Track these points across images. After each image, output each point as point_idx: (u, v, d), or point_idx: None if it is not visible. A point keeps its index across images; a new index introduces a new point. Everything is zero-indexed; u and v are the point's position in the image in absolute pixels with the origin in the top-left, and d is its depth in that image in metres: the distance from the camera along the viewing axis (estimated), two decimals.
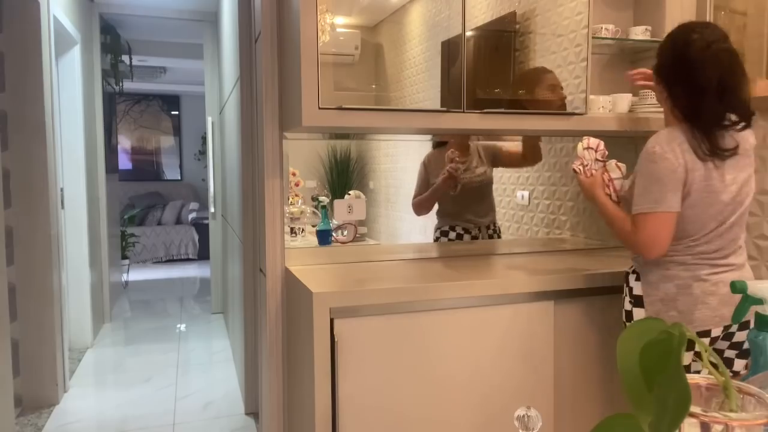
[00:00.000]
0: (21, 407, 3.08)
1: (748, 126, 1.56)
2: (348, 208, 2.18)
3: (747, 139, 1.58)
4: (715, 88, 1.50)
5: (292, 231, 2.20)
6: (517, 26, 2.13)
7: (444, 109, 1.96)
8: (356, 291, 1.69)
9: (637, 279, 1.67)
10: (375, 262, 2.21)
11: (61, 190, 3.46)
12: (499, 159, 2.41)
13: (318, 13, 1.75)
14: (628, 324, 1.67)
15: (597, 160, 1.78)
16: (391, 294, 1.70)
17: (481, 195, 2.41)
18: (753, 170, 1.61)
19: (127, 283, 6.33)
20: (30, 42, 3.04)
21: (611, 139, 2.37)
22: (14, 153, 3.04)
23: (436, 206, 2.36)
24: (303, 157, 2.22)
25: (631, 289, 1.68)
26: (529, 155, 2.45)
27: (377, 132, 2.24)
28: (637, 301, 1.65)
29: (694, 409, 0.52)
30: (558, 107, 2.10)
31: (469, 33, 1.97)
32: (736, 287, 1.02)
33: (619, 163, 1.79)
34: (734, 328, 1.58)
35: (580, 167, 1.78)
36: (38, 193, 3.09)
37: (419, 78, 2.09)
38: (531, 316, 1.84)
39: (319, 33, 1.76)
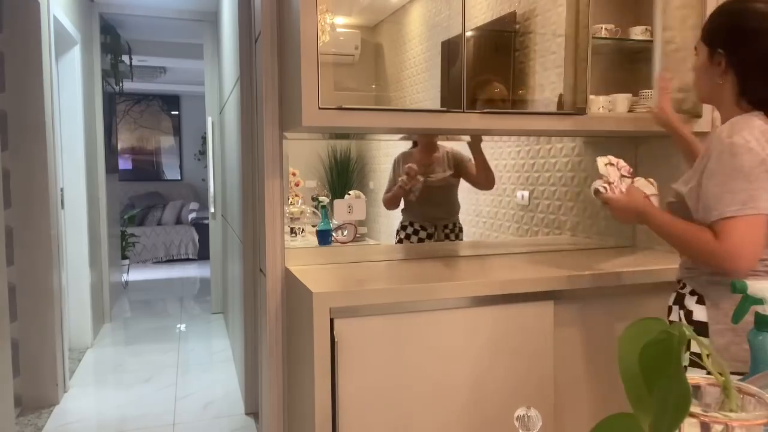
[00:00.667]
0: (21, 407, 3.08)
1: None
2: (348, 208, 2.18)
3: None
4: None
5: (292, 231, 2.20)
6: (517, 26, 2.14)
7: (444, 109, 1.96)
8: (356, 291, 1.69)
9: (699, 301, 1.39)
10: (375, 262, 2.21)
11: (61, 190, 3.46)
12: (461, 169, 2.38)
13: (318, 13, 1.75)
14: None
15: (623, 176, 1.58)
16: (391, 294, 1.70)
17: (440, 197, 2.39)
18: None
19: (127, 283, 6.33)
20: (30, 42, 3.04)
21: (611, 139, 2.38)
22: (14, 153, 3.04)
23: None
24: (303, 157, 2.22)
25: (689, 313, 1.40)
26: (481, 180, 2.42)
27: (377, 132, 2.24)
28: (700, 330, 1.36)
29: (694, 409, 0.52)
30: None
31: (469, 33, 1.97)
32: (736, 287, 1.02)
33: (650, 179, 1.61)
34: None
35: (605, 186, 1.56)
36: (38, 193, 3.09)
37: (419, 78, 2.09)
38: (531, 316, 1.84)
39: (319, 33, 1.75)
